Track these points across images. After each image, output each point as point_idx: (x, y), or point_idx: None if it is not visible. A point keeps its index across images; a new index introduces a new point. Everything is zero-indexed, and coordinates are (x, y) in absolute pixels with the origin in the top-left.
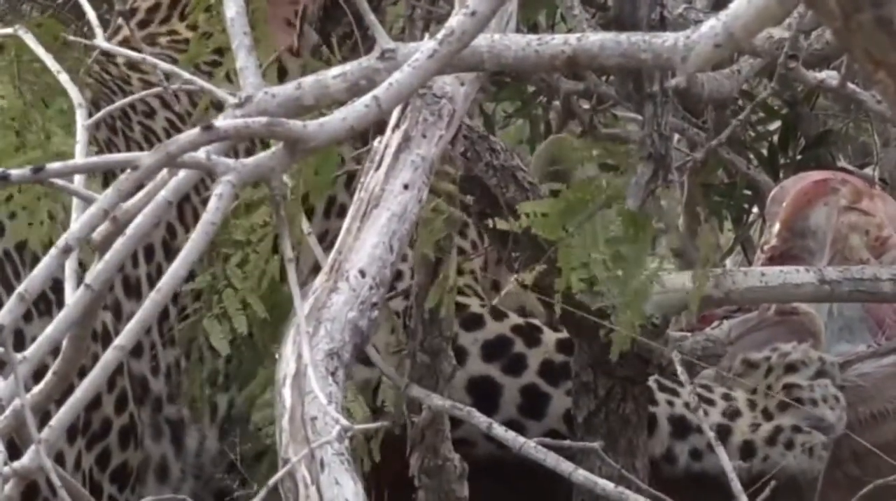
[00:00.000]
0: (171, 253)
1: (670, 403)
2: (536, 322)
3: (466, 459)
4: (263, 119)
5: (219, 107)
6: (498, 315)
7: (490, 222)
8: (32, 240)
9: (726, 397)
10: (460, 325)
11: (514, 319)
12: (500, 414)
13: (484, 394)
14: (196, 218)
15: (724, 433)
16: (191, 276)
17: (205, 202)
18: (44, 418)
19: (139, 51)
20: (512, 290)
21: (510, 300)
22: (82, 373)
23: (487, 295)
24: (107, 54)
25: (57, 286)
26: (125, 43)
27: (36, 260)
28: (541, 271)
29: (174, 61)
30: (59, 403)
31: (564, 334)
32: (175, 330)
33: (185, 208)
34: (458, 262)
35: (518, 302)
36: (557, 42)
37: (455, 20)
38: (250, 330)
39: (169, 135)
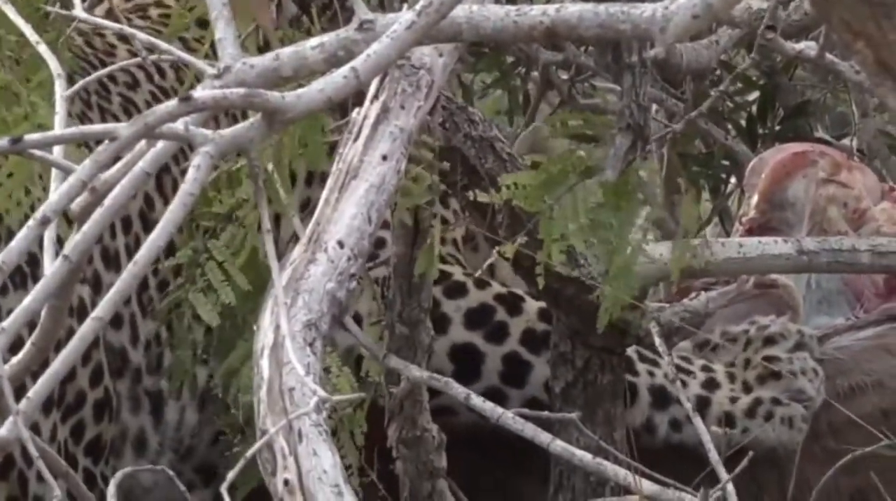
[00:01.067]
0: (148, 225)
1: (651, 374)
2: (519, 291)
3: (448, 428)
4: (241, 90)
5: None
6: (481, 283)
7: (470, 194)
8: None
9: (705, 369)
10: (443, 293)
11: (497, 288)
12: (482, 381)
13: (466, 362)
14: (176, 189)
15: (702, 404)
16: (170, 251)
17: (184, 173)
18: (17, 391)
19: (119, 21)
20: (495, 264)
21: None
22: (56, 348)
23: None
24: (93, 26)
25: (32, 260)
26: (110, 14)
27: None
28: (522, 243)
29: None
30: (34, 377)
31: None
32: (155, 304)
33: (165, 179)
34: (440, 232)
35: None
36: (536, 13)
37: None
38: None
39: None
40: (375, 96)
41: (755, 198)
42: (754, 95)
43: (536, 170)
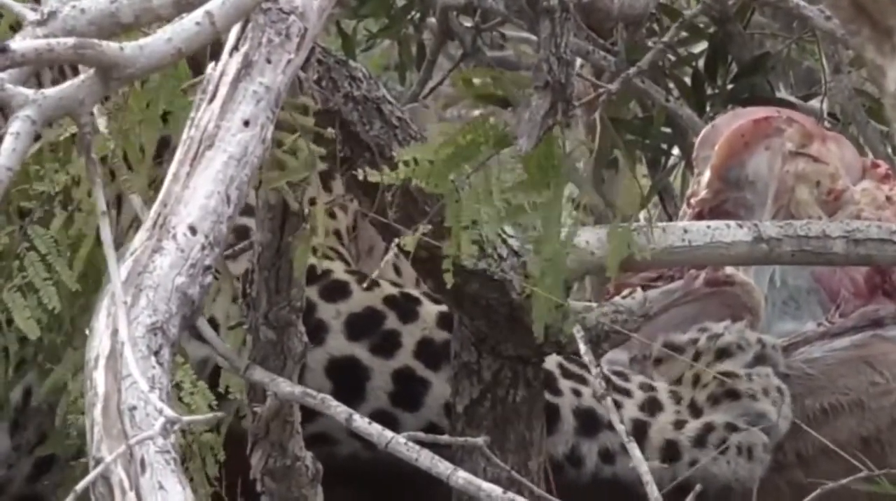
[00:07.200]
0: None
1: (576, 393)
2: (414, 292)
3: (326, 461)
4: (70, 40)
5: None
6: (367, 282)
7: (359, 172)
8: None
9: (644, 387)
10: (321, 295)
11: (387, 288)
12: (367, 403)
13: (348, 379)
14: None
15: (641, 430)
16: None
17: None
18: None
19: None
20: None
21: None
22: None
23: (361, 258)
24: None
25: None
26: None
27: None
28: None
29: None
30: None
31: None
32: None
33: None
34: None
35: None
36: None
37: None
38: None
39: None
40: (235, 47)
41: (707, 175)
42: (701, 46)
43: (441, 141)
